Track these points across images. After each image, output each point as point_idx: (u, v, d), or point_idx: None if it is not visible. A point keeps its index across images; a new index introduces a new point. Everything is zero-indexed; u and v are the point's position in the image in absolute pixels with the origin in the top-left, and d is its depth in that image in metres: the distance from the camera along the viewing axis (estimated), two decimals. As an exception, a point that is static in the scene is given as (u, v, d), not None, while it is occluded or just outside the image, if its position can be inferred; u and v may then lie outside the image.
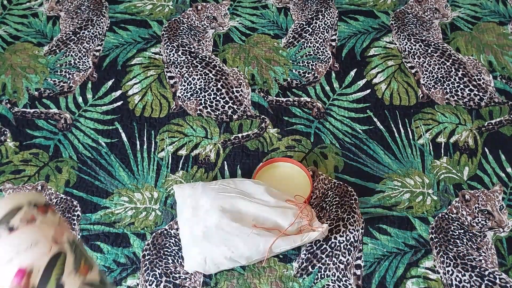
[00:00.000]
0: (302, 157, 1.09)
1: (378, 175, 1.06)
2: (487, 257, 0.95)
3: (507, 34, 1.32)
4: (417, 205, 1.02)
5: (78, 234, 0.97)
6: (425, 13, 1.37)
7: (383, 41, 1.30)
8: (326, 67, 1.25)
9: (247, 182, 0.97)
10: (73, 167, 1.07)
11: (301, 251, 0.95)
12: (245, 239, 0.90)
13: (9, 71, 1.24)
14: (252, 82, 1.22)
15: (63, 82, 1.22)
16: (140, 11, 1.38)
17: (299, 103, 1.18)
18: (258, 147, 1.11)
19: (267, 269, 0.93)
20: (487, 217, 1.00)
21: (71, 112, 1.16)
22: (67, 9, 1.38)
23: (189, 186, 0.99)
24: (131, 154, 1.09)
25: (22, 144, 1.11)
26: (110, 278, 0.92)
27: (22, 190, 1.03)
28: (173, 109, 1.17)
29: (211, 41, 1.31)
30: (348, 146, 1.11)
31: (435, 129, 1.14)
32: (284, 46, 1.30)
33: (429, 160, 1.08)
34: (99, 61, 1.26)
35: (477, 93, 1.20)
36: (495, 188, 1.04)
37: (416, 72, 1.24)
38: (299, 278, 0.92)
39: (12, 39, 1.31)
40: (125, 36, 1.32)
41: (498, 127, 1.14)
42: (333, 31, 1.33)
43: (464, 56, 1.27)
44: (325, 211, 1.00)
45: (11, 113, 1.16)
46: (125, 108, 1.17)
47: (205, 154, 1.09)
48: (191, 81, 1.21)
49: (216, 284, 0.91)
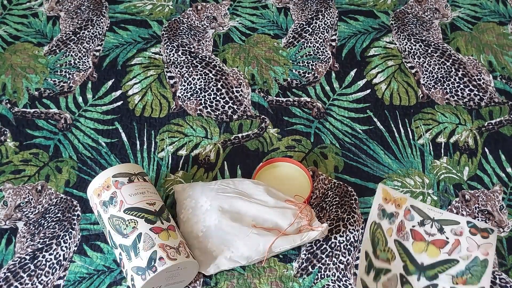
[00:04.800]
0: (302, 157, 1.09)
1: (378, 175, 1.06)
2: (487, 257, 0.95)
3: (507, 34, 1.32)
4: (417, 205, 1.02)
5: (78, 234, 0.97)
6: (425, 13, 1.37)
7: (383, 41, 1.31)
8: (326, 67, 1.25)
9: (246, 182, 0.97)
10: (73, 167, 1.07)
11: (301, 251, 0.95)
12: (245, 239, 0.90)
13: (9, 71, 1.24)
14: (252, 82, 1.22)
15: (63, 82, 1.22)
16: (140, 11, 1.38)
17: (299, 103, 1.18)
18: (258, 147, 1.11)
19: (267, 269, 0.93)
20: (487, 217, 1.00)
21: (71, 112, 1.16)
22: (67, 9, 1.38)
23: (188, 186, 0.99)
24: (131, 154, 1.09)
25: (22, 144, 1.11)
26: (110, 278, 0.92)
27: (22, 190, 1.03)
28: (173, 109, 1.17)
29: (211, 41, 1.31)
30: (348, 146, 1.11)
31: (435, 129, 1.14)
32: (284, 46, 1.30)
33: (429, 160, 1.08)
34: (99, 61, 1.26)
35: (477, 93, 1.20)
36: (495, 188, 1.04)
37: (416, 72, 1.24)
38: (299, 278, 0.92)
39: (12, 39, 1.31)
40: (125, 36, 1.32)
41: (498, 127, 1.14)
42: (333, 31, 1.33)
43: (464, 56, 1.27)
44: (325, 211, 1.00)
45: (11, 113, 1.16)
46: (125, 108, 1.17)
47: (205, 154, 1.09)
48: (191, 81, 1.21)
49: (216, 284, 0.91)
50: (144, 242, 0.83)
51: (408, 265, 0.84)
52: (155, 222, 0.86)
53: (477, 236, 0.87)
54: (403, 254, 0.85)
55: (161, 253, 0.82)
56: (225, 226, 0.91)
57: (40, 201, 1.02)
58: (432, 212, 0.90)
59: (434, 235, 0.88)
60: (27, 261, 0.94)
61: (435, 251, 0.86)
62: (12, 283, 0.91)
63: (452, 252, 0.86)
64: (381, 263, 0.84)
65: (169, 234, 0.85)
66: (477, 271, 0.83)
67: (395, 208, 0.90)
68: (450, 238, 0.87)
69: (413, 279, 0.83)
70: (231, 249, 0.90)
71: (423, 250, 0.86)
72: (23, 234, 0.97)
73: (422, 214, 0.90)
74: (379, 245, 0.86)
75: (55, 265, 0.93)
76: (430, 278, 0.83)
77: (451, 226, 0.89)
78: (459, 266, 0.84)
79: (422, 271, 0.84)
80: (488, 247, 0.86)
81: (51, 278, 0.92)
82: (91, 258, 0.94)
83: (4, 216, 0.99)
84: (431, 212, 0.90)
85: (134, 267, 0.82)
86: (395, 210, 0.90)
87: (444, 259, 0.85)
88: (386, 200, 0.91)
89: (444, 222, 0.89)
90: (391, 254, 0.85)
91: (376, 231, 0.87)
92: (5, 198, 1.02)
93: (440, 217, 0.90)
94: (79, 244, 0.96)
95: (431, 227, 0.89)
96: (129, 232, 0.84)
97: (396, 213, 0.90)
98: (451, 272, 0.83)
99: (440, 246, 0.87)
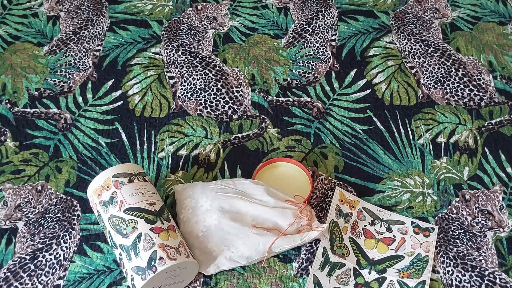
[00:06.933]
0: (302, 157, 1.09)
1: (378, 175, 1.06)
2: (487, 257, 0.95)
3: (507, 34, 1.32)
4: (417, 205, 1.02)
5: (78, 234, 0.97)
6: (425, 13, 1.37)
7: (383, 41, 1.31)
8: (326, 67, 1.25)
9: (246, 182, 0.97)
10: (73, 167, 1.07)
11: (301, 251, 0.95)
12: (245, 239, 0.90)
13: (9, 71, 1.24)
14: (252, 82, 1.22)
15: (63, 82, 1.22)
16: (140, 11, 1.38)
17: (299, 103, 1.18)
18: (258, 147, 1.11)
19: (267, 269, 0.93)
20: (487, 217, 1.00)
21: (71, 112, 1.16)
22: (67, 9, 1.38)
23: (188, 186, 0.99)
24: (131, 154, 1.09)
25: (22, 144, 1.11)
26: (110, 278, 0.92)
27: (22, 190, 1.03)
28: (173, 109, 1.17)
29: (211, 41, 1.31)
30: (348, 146, 1.11)
31: (435, 129, 1.14)
32: (284, 46, 1.30)
33: (429, 160, 1.08)
34: (99, 61, 1.26)
35: (477, 93, 1.20)
36: (495, 188, 1.04)
37: (416, 72, 1.24)
38: (299, 278, 0.92)
39: (12, 39, 1.31)
40: (125, 36, 1.32)
41: (498, 127, 1.14)
42: (333, 31, 1.33)
43: (464, 56, 1.27)
44: (325, 211, 1.00)
45: (11, 113, 1.16)
46: (125, 108, 1.17)
47: (205, 154, 1.09)
48: (191, 81, 1.21)
49: (216, 284, 0.91)
50: (144, 242, 0.83)
51: (360, 260, 0.94)
52: (155, 222, 0.86)
53: (420, 235, 0.97)
54: (356, 250, 0.95)
55: (161, 253, 0.82)
56: (225, 226, 0.91)
57: (40, 201, 1.02)
58: (381, 213, 1.00)
59: (383, 234, 0.97)
60: (27, 261, 0.94)
61: (384, 248, 0.96)
62: (12, 283, 0.91)
63: (398, 249, 0.95)
64: (337, 258, 0.93)
65: (169, 234, 0.85)
66: (420, 266, 0.93)
67: (349, 209, 0.99)
68: (397, 236, 0.97)
69: (365, 272, 0.92)
70: (231, 249, 0.90)
71: (373, 247, 0.96)
72: (23, 234, 0.97)
73: (372, 215, 1.00)
74: (336, 242, 0.95)
75: (55, 265, 0.93)
76: (380, 271, 0.93)
77: (397, 226, 0.98)
78: (404, 262, 0.93)
79: (373, 265, 0.93)
80: (429, 245, 0.95)
81: (51, 278, 0.92)
82: (91, 258, 0.94)
83: (4, 216, 0.99)
84: (380, 213, 1.00)
85: (134, 267, 0.82)
86: (350, 211, 0.99)
87: (392, 255, 0.95)
88: (342, 201, 1.00)
89: (391, 222, 0.99)
90: (346, 249, 0.95)
91: (334, 228, 0.96)
92: (5, 198, 1.02)
93: (388, 217, 1.00)
94: (79, 244, 0.96)
95: (380, 226, 0.98)
96: (129, 232, 0.84)
97: (351, 214, 0.99)
98: (397, 267, 0.93)
99: (388, 243, 0.96)
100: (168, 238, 0.84)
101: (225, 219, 0.92)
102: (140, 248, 0.82)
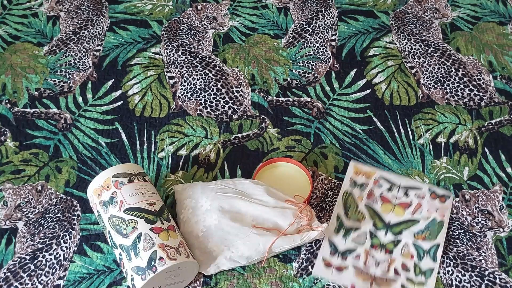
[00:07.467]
0: (302, 157, 1.09)
1: (378, 175, 1.06)
2: (487, 257, 0.95)
3: (507, 34, 1.32)
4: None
5: (78, 234, 0.97)
6: (425, 13, 1.37)
7: (383, 41, 1.31)
8: (326, 67, 1.25)
9: (246, 182, 0.97)
10: (73, 167, 1.07)
11: (301, 251, 0.95)
12: (245, 239, 0.90)
13: (9, 71, 1.24)
14: (252, 82, 1.22)
15: (63, 82, 1.22)
16: (140, 11, 1.38)
17: (299, 103, 1.18)
18: (258, 147, 1.11)
19: (267, 269, 0.93)
20: (487, 217, 1.00)
21: (71, 112, 1.16)
22: (67, 9, 1.38)
23: (188, 186, 0.99)
24: (131, 154, 1.09)
25: (22, 144, 1.11)
26: (110, 278, 0.92)
27: (22, 190, 1.03)
28: (173, 109, 1.17)
29: (211, 41, 1.31)
30: (348, 146, 1.11)
31: (435, 129, 1.14)
32: (284, 46, 1.30)
33: (429, 160, 1.08)
34: (99, 61, 1.26)
35: (477, 93, 1.20)
36: (495, 188, 1.04)
37: (416, 72, 1.24)
38: (299, 278, 0.92)
39: (12, 39, 1.31)
40: (125, 36, 1.32)
41: (498, 127, 1.14)
42: (333, 31, 1.33)
43: (464, 56, 1.27)
44: (325, 211, 1.00)
45: (11, 113, 1.16)
46: (125, 108, 1.17)
47: (205, 154, 1.09)
48: (191, 81, 1.21)
49: (216, 284, 0.91)
50: (144, 242, 0.83)
51: (377, 223, 0.97)
52: (155, 222, 0.86)
53: (436, 201, 0.99)
54: (373, 215, 0.98)
55: (161, 253, 0.82)
56: (225, 226, 0.91)
57: (40, 201, 1.02)
58: (398, 179, 1.03)
59: (400, 198, 1.00)
60: (27, 261, 0.94)
61: (401, 211, 0.98)
62: (12, 283, 0.91)
63: (414, 213, 0.98)
64: (352, 222, 0.96)
65: (169, 234, 0.85)
66: (434, 230, 0.95)
67: (365, 179, 1.02)
68: (414, 201, 1.00)
69: (381, 234, 0.95)
70: (231, 249, 0.90)
71: (390, 211, 0.98)
72: (23, 234, 0.97)
73: (390, 181, 1.02)
74: (350, 209, 0.98)
75: (55, 265, 0.93)
76: (396, 234, 0.95)
77: (415, 191, 1.01)
78: (419, 225, 0.96)
79: (389, 228, 0.96)
80: (445, 211, 0.98)
81: (51, 278, 0.92)
82: (91, 258, 0.95)
83: (4, 216, 0.99)
84: (397, 179, 1.03)
85: (134, 267, 0.82)
86: (365, 181, 1.02)
87: (408, 219, 0.97)
88: (356, 174, 1.03)
89: (409, 187, 1.01)
90: (362, 215, 0.97)
91: (348, 198, 0.99)
92: (5, 198, 1.02)
93: (406, 183, 1.02)
94: (79, 244, 0.96)
95: (398, 191, 1.00)
96: (129, 232, 0.84)
97: (366, 183, 1.02)
98: (413, 230, 0.96)
99: (405, 207, 0.99)
100: (168, 238, 0.84)
101: (225, 219, 0.92)
102: (140, 248, 0.82)
